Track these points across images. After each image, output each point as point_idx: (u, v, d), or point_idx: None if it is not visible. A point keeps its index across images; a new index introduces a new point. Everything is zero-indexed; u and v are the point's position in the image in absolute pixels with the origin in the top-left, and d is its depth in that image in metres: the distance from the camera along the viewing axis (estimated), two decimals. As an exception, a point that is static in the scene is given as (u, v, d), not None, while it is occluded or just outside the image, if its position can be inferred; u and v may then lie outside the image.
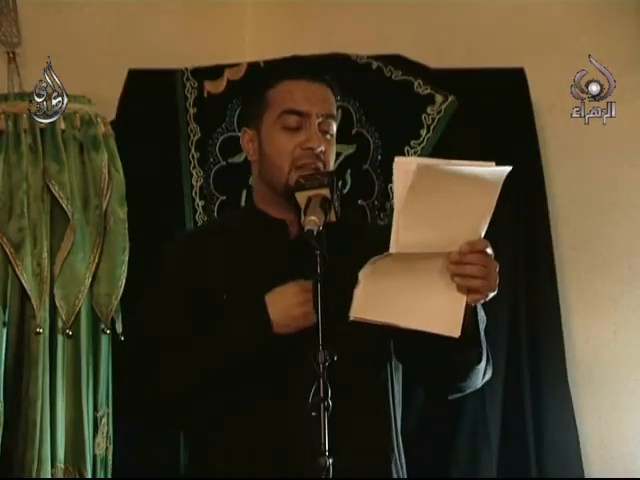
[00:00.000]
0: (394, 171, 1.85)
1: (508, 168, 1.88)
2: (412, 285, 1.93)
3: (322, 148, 2.16)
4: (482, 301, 1.98)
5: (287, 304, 2.05)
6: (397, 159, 1.85)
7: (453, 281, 1.93)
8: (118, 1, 3.29)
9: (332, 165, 2.22)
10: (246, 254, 2.20)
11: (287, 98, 2.19)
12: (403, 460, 2.23)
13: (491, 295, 1.97)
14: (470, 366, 2.09)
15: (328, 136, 2.20)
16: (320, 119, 2.18)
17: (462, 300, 1.95)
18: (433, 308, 1.94)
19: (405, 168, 1.84)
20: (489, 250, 1.95)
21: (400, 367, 2.23)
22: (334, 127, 2.22)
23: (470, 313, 1.99)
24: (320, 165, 2.16)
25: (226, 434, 2.11)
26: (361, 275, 1.92)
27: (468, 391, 2.19)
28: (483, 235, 1.94)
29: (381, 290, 1.92)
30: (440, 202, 1.86)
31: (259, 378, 2.09)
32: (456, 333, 1.94)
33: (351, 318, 1.94)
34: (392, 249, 1.88)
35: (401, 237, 1.86)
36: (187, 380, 2.08)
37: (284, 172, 2.16)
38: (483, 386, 2.28)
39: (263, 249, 2.19)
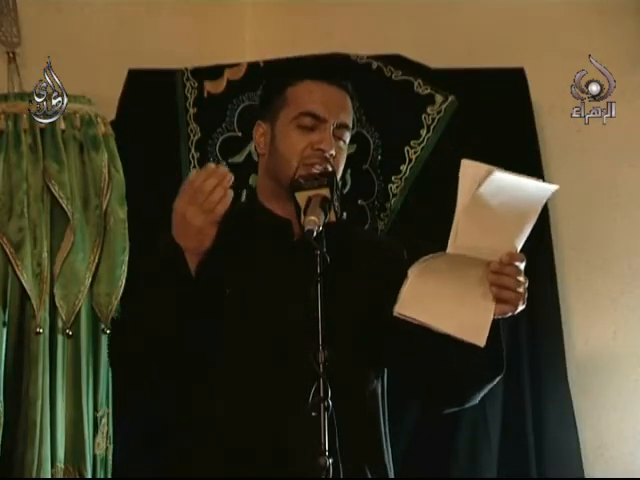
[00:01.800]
0: (460, 173, 1.87)
1: (554, 186, 1.92)
2: (452, 289, 1.97)
3: (332, 152, 2.16)
4: (509, 314, 2.01)
5: (183, 222, 2.04)
6: (464, 161, 1.87)
7: (490, 290, 1.97)
8: (118, 1, 3.29)
9: (340, 172, 2.22)
10: (249, 251, 2.20)
11: (306, 99, 2.19)
12: (391, 464, 2.23)
13: (520, 309, 2.00)
14: (486, 378, 2.12)
15: (341, 142, 2.21)
16: (335, 125, 2.19)
17: (491, 311, 1.99)
18: (465, 315, 1.98)
19: (472, 171, 1.87)
20: (523, 265, 1.98)
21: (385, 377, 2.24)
22: (348, 136, 2.23)
23: (495, 326, 2.01)
24: (329, 168, 2.16)
25: (226, 434, 2.11)
26: (410, 272, 1.95)
27: (467, 406, 2.20)
28: (519, 249, 1.97)
29: (426, 290, 1.95)
30: (496, 210, 1.90)
31: (258, 378, 2.09)
32: (481, 342, 1.98)
33: (395, 313, 1.96)
34: (449, 249, 1.91)
35: (459, 238, 1.90)
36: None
37: (292, 167, 2.16)
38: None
39: (266, 247, 2.19)
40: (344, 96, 2.24)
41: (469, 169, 1.87)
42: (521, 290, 1.98)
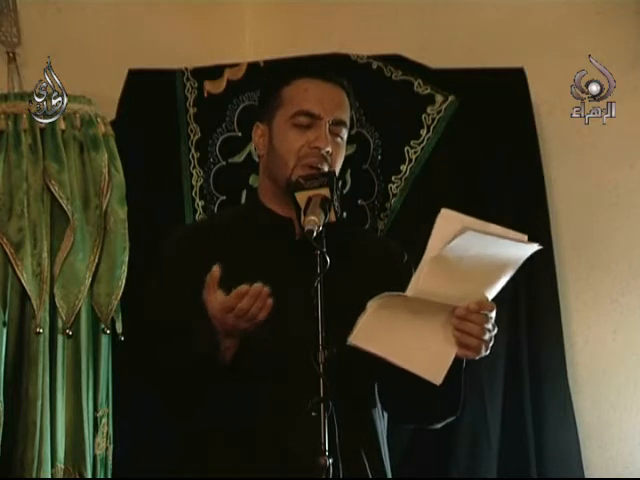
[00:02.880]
0: (437, 221, 1.89)
1: (536, 246, 1.92)
2: (413, 329, 1.99)
3: (329, 149, 2.16)
4: (470, 358, 2.03)
5: (224, 324, 2.01)
6: (443, 211, 1.89)
7: (453, 334, 1.99)
8: (118, 1, 3.29)
9: (338, 168, 2.22)
10: (250, 250, 2.20)
11: (301, 98, 2.19)
12: (387, 461, 2.24)
13: (482, 355, 2.03)
14: (441, 415, 2.18)
15: (338, 139, 2.21)
16: (331, 122, 2.19)
17: (453, 352, 2.01)
18: (424, 353, 2.01)
19: (449, 223, 1.88)
20: (493, 314, 1.98)
21: None
22: (345, 132, 2.23)
23: (457, 366, 2.04)
24: (325, 165, 2.16)
25: (226, 434, 2.11)
26: (369, 305, 1.96)
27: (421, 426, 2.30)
28: (491, 298, 1.99)
29: (384, 326, 1.97)
30: (468, 263, 1.91)
31: (259, 378, 2.09)
32: (438, 381, 2.00)
33: (348, 343, 1.97)
34: (409, 292, 1.93)
35: (421, 284, 1.92)
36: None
37: (289, 167, 2.17)
38: (483, 386, 2.28)
39: (268, 246, 2.19)
40: (340, 93, 2.24)
41: (446, 220, 1.89)
42: (486, 338, 2.00)
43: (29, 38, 3.08)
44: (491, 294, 1.99)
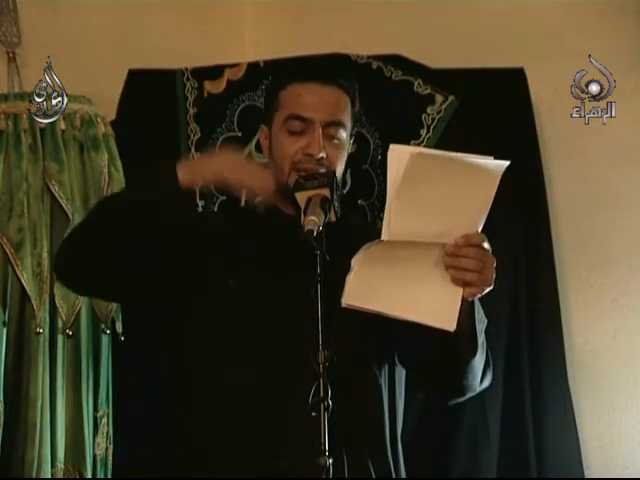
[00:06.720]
0: (388, 158, 1.83)
1: (506, 163, 1.87)
2: (407, 274, 1.91)
3: (323, 154, 2.15)
4: (478, 295, 1.97)
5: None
6: (392, 146, 1.83)
7: (449, 274, 1.92)
8: (118, 1, 3.29)
9: (340, 170, 2.21)
10: (253, 243, 2.21)
11: (294, 102, 2.19)
12: (401, 462, 2.23)
13: (487, 290, 1.96)
14: (466, 361, 2.07)
15: (335, 141, 2.19)
16: (324, 125, 2.18)
17: (458, 294, 1.92)
18: (428, 300, 1.92)
19: (400, 155, 1.82)
20: (486, 245, 1.94)
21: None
22: (342, 133, 2.20)
23: (467, 308, 1.98)
24: (322, 171, 2.16)
25: (225, 434, 2.11)
26: (354, 261, 1.90)
27: (468, 394, 2.17)
28: (480, 229, 1.93)
29: (375, 278, 1.89)
30: (435, 192, 1.84)
31: (258, 377, 2.09)
32: (451, 327, 1.91)
33: (343, 305, 1.91)
34: (383, 236, 1.86)
35: (393, 225, 1.84)
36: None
37: (285, 173, 2.18)
38: (483, 385, 2.27)
39: (271, 241, 2.20)
40: (337, 93, 2.22)
41: (396, 153, 1.82)
42: (484, 271, 1.93)
43: (29, 38, 3.08)
44: (479, 224, 1.91)
